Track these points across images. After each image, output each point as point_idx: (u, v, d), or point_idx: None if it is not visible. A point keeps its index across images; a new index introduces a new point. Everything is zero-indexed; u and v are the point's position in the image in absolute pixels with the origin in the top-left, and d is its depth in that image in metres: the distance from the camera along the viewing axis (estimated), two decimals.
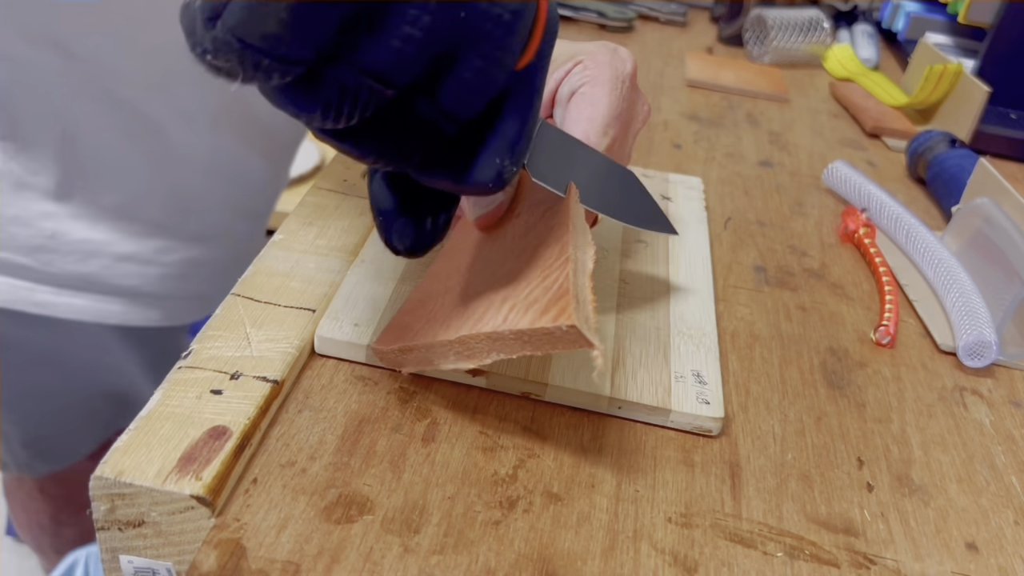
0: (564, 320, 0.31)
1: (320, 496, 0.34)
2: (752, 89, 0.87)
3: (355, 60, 0.25)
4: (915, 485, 0.40)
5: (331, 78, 0.25)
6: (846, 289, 0.54)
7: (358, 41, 0.25)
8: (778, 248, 0.58)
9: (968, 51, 0.91)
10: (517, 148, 0.31)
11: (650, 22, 1.07)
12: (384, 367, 0.41)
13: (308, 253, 0.47)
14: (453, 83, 0.28)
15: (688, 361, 0.43)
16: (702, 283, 0.50)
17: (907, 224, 0.58)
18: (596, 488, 0.36)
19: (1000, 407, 0.46)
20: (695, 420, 0.40)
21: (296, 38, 0.24)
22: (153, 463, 0.32)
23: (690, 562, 0.34)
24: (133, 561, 0.34)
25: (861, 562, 0.35)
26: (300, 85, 0.26)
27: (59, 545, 0.95)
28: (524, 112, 0.31)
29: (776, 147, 0.75)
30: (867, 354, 0.48)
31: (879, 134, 0.81)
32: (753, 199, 0.64)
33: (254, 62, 0.24)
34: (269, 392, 0.37)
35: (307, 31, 0.24)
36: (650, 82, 0.86)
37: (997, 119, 0.79)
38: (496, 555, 0.33)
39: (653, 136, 0.73)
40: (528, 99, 0.31)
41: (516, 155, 0.31)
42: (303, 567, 0.31)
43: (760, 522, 0.36)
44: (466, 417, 0.39)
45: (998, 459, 0.42)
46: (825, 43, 0.98)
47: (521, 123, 0.31)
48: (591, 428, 0.40)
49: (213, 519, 0.32)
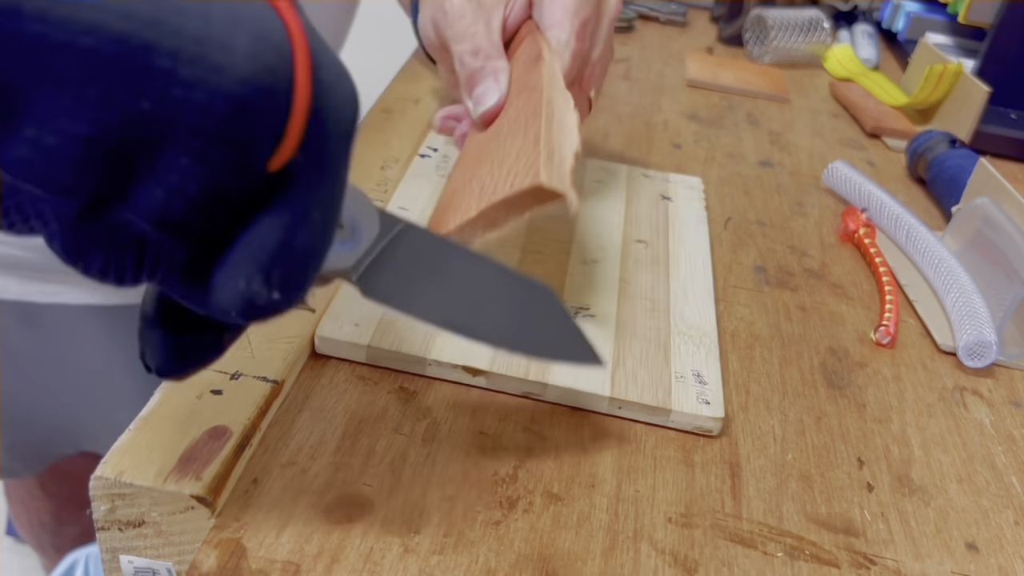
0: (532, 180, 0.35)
1: (320, 496, 0.34)
2: (752, 89, 0.87)
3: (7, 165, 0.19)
4: (915, 485, 0.40)
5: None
6: (846, 289, 0.54)
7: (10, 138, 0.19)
8: (778, 248, 0.58)
9: (968, 51, 0.91)
10: (275, 272, 0.23)
11: (650, 22, 1.07)
12: (384, 367, 0.41)
13: None
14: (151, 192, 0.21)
15: (688, 361, 0.43)
16: (702, 283, 0.50)
17: (907, 224, 0.58)
18: (596, 488, 0.36)
19: (1000, 407, 0.46)
20: (695, 420, 0.40)
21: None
22: (153, 463, 0.32)
23: (690, 562, 0.34)
24: (133, 561, 0.34)
25: (861, 562, 0.35)
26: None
27: (60, 543, 0.95)
28: (286, 223, 0.23)
29: (776, 147, 0.75)
30: (867, 354, 0.48)
31: (879, 134, 0.81)
32: (753, 199, 0.64)
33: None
34: (269, 392, 0.37)
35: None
36: (650, 82, 0.86)
37: (997, 119, 0.79)
38: (496, 555, 0.33)
39: (653, 136, 0.73)
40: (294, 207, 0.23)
41: (274, 280, 0.23)
42: (303, 567, 0.31)
43: (760, 522, 0.36)
44: (466, 417, 0.39)
45: (998, 459, 0.42)
46: (825, 43, 0.98)
47: (280, 240, 0.23)
48: (591, 428, 0.40)
49: (213, 519, 0.32)
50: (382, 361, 0.41)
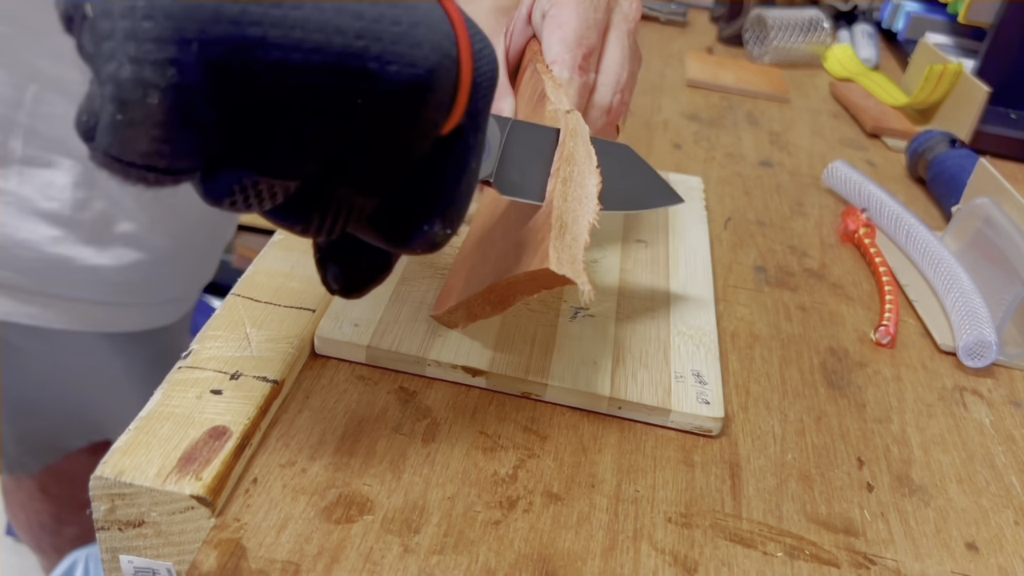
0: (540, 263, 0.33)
1: (320, 496, 0.34)
2: (752, 89, 0.87)
3: (246, 162, 0.24)
4: (915, 485, 0.40)
5: (225, 180, 0.24)
6: (846, 289, 0.54)
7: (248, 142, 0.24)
8: (778, 248, 0.58)
9: (968, 51, 0.91)
10: (449, 213, 0.29)
11: (650, 22, 1.07)
12: (384, 367, 0.41)
13: (308, 253, 0.46)
14: (362, 166, 0.26)
15: (688, 361, 0.43)
16: (702, 283, 0.50)
17: (907, 224, 0.58)
18: (596, 488, 0.36)
19: (1000, 407, 0.46)
20: (695, 420, 0.40)
21: (175, 152, 0.22)
22: (153, 463, 0.32)
23: (690, 562, 0.34)
24: (133, 561, 0.34)
25: (861, 562, 0.35)
26: (201, 183, 0.24)
27: (60, 544, 0.95)
28: (456, 175, 0.29)
29: (776, 147, 0.75)
30: (867, 354, 0.48)
31: (879, 134, 0.81)
32: (753, 199, 0.64)
33: (139, 176, 0.23)
34: (269, 392, 0.37)
35: (183, 145, 0.22)
36: (650, 82, 0.86)
37: (997, 119, 0.79)
38: (496, 555, 0.33)
39: (653, 136, 0.73)
40: (461, 162, 0.29)
41: (448, 219, 0.29)
42: (303, 567, 0.31)
43: (760, 522, 0.36)
44: (466, 417, 0.39)
45: (998, 459, 0.42)
46: (825, 43, 0.98)
47: (452, 188, 0.29)
48: (591, 428, 0.40)
49: (213, 519, 0.32)
50: (382, 361, 0.41)
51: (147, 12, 0.21)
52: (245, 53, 0.22)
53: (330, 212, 0.27)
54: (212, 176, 0.24)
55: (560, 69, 0.43)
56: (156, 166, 0.23)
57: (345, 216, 0.27)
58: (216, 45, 0.21)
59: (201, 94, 0.22)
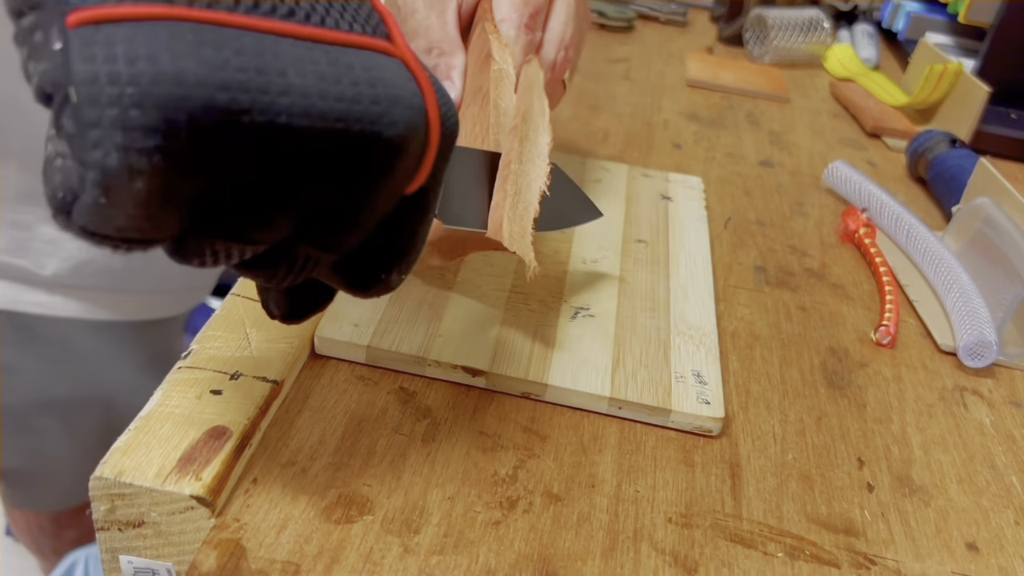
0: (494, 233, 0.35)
1: (320, 496, 0.34)
2: (752, 89, 0.87)
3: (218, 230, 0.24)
4: (915, 485, 0.40)
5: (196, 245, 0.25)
6: (846, 289, 0.54)
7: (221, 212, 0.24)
8: (778, 248, 0.58)
9: (968, 51, 0.91)
10: (406, 262, 0.30)
11: (650, 22, 1.06)
12: (384, 367, 0.41)
13: None
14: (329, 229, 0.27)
15: (688, 361, 0.43)
16: (702, 283, 0.50)
17: (907, 224, 0.58)
18: (596, 488, 0.36)
19: (1000, 407, 0.46)
20: (695, 420, 0.40)
21: (153, 227, 0.23)
22: (153, 463, 0.32)
23: (690, 562, 0.34)
24: (133, 561, 0.34)
25: (861, 562, 0.35)
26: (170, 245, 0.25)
27: (59, 547, 0.95)
28: (415, 229, 0.30)
29: (776, 147, 0.75)
30: (867, 354, 0.48)
31: (879, 134, 0.81)
32: (753, 199, 0.64)
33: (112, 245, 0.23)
34: (269, 392, 0.37)
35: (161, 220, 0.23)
36: (650, 82, 0.86)
37: (997, 119, 0.79)
38: (496, 555, 0.33)
39: (653, 136, 0.73)
40: (420, 216, 0.29)
41: (405, 267, 0.30)
42: (303, 567, 0.31)
43: (760, 522, 0.36)
44: (466, 417, 0.39)
45: (998, 459, 0.42)
46: (825, 43, 0.98)
47: (410, 241, 0.30)
48: (591, 428, 0.40)
49: (213, 519, 0.32)
50: (382, 361, 0.41)
51: (136, 101, 0.20)
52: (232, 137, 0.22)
53: (296, 266, 0.27)
54: (182, 243, 0.25)
55: (507, 28, 0.44)
56: (131, 238, 0.23)
57: (310, 269, 0.28)
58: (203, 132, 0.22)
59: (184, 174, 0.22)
